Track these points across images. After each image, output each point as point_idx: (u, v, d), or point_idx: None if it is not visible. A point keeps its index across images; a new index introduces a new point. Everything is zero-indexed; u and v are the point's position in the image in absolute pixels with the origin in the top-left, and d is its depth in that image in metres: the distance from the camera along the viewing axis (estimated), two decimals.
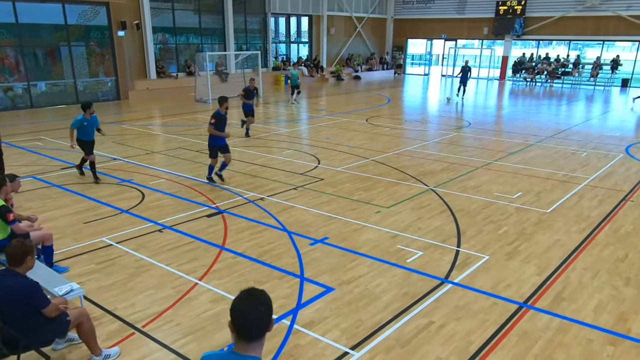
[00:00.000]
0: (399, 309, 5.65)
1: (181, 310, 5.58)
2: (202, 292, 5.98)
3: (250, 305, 2.26)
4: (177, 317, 5.46)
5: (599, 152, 13.33)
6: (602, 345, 5.04)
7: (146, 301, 5.76)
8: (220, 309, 5.58)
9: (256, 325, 2.26)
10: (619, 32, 30.65)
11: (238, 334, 2.26)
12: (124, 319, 5.40)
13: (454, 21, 36.31)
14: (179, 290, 6.00)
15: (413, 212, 8.65)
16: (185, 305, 5.68)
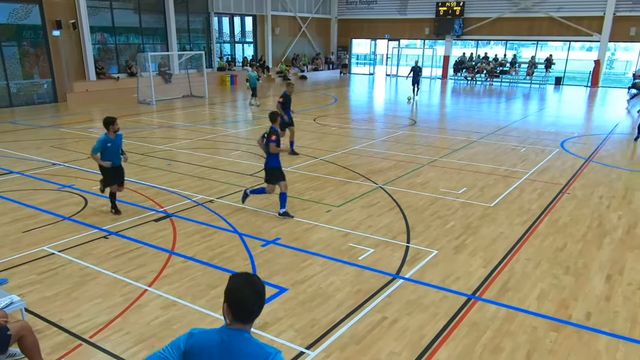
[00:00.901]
0: (353, 306, 5.70)
1: (131, 318, 5.41)
2: (152, 298, 5.83)
3: (249, 289, 2.35)
4: (126, 325, 5.29)
5: (537, 148, 13.94)
6: (545, 332, 5.27)
7: (93, 311, 5.55)
8: (172, 315, 5.45)
9: (252, 308, 2.37)
10: (551, 32, 32.16)
11: (235, 316, 2.37)
12: (69, 331, 5.18)
13: (396, 21, 36.99)
14: (127, 298, 5.82)
15: (363, 210, 8.76)
16: (135, 313, 5.51)
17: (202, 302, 5.70)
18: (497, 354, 4.92)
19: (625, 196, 9.72)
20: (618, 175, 11.18)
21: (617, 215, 8.69)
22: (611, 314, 5.63)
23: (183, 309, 5.60)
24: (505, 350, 4.97)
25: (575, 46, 35.24)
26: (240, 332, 2.38)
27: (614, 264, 6.83)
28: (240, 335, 2.38)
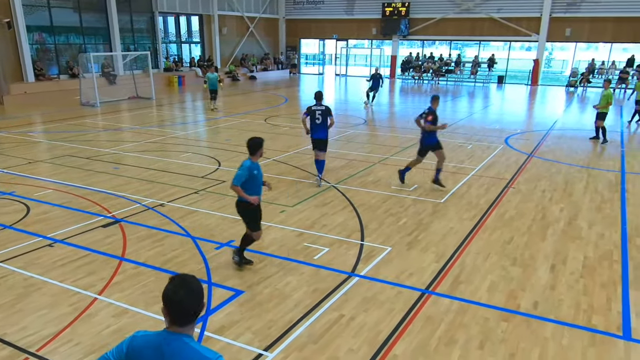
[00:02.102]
0: (310, 306, 5.71)
1: (80, 329, 5.21)
2: (103, 307, 5.64)
3: (183, 290, 2.33)
4: (76, 336, 5.10)
5: (483, 144, 14.39)
6: (497, 322, 5.45)
7: (39, 322, 5.32)
8: (124, 323, 5.29)
9: (188, 310, 2.34)
10: (493, 32, 33.28)
11: (171, 318, 2.36)
12: (14, 344, 4.94)
13: (344, 22, 37.31)
14: (76, 308, 5.61)
15: (317, 210, 8.78)
16: (84, 323, 5.32)
17: (155, 308, 5.56)
18: (452, 346, 5.04)
19: (566, 189, 10.17)
20: (558, 170, 11.69)
21: (559, 207, 9.09)
22: (556, 302, 5.89)
23: (136, 316, 5.45)
24: (459, 342, 5.11)
25: (515, 46, 36.61)
26: (178, 337, 2.36)
27: (557, 254, 7.14)
28: (178, 340, 2.35)
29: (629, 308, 5.75)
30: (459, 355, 4.92)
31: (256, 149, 6.27)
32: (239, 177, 6.11)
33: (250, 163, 6.20)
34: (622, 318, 5.56)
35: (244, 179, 6.12)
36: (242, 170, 6.13)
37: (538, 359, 4.86)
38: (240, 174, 6.11)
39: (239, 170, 6.13)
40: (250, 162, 6.19)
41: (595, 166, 12.07)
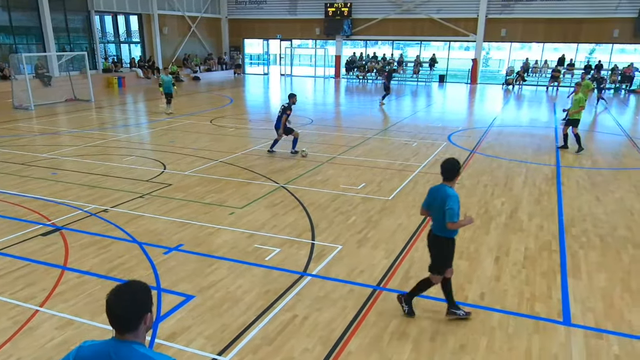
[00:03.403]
0: (263, 308, 5.68)
1: (21, 343, 4.96)
2: (45, 319, 5.39)
3: (118, 297, 2.30)
4: (16, 351, 4.84)
5: (427, 142, 14.75)
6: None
7: None
8: (69, 335, 5.08)
9: (124, 317, 2.29)
10: (433, 33, 34.18)
11: (112, 325, 2.32)
12: None
13: (287, 21, 37.28)
14: (16, 321, 5.33)
15: (267, 210, 8.74)
16: (26, 337, 5.06)
17: (102, 317, 5.36)
18: (404, 340, 5.14)
19: (506, 184, 10.58)
20: (499, 165, 12.14)
21: (500, 201, 9.44)
22: (501, 292, 6.11)
23: (81, 327, 5.24)
24: (411, 336, 5.21)
25: (454, 46, 37.76)
26: (127, 344, 2.31)
27: (500, 247, 7.42)
28: (127, 347, 2.31)
29: (567, 295, 6.05)
30: (411, 348, 5.02)
31: (456, 174, 5.20)
32: (456, 212, 5.00)
33: (454, 191, 5.14)
34: (562, 305, 5.83)
35: (458, 211, 5.06)
36: (454, 201, 5.00)
37: (486, 348, 5.03)
38: (455, 207, 4.99)
39: (452, 204, 4.97)
40: (454, 191, 5.14)
41: (533, 161, 12.61)
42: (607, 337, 5.21)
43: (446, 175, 5.16)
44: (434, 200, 5.26)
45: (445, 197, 5.00)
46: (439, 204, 5.13)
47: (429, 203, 5.38)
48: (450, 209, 4.95)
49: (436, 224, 5.30)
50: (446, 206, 4.97)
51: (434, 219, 5.35)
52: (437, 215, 5.23)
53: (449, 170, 5.15)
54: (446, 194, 5.02)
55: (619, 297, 6.03)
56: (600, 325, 5.41)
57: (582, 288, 6.22)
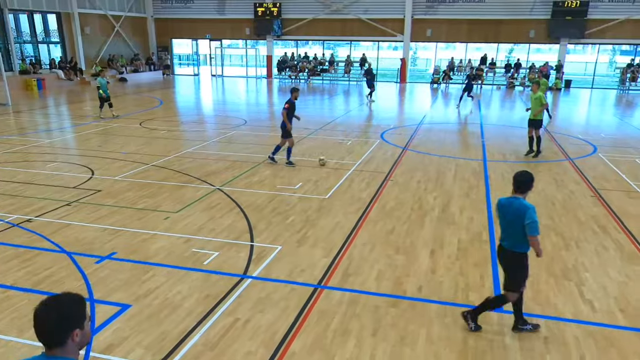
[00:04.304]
0: (203, 313, 5.57)
1: None
2: None
3: (44, 311, 2.21)
4: None
5: (361, 140, 15.00)
6: (386, 309, 5.73)
7: None
8: None
9: (48, 332, 2.21)
10: (362, 33, 34.81)
11: (39, 339, 2.23)
12: None
13: (216, 21, 36.73)
14: None
15: (203, 214, 8.57)
16: None
17: (30, 333, 5.06)
18: (347, 337, 5.21)
19: (438, 179, 10.95)
20: (430, 161, 12.55)
21: (433, 196, 9.76)
22: (438, 284, 6.32)
23: (8, 345, 4.92)
24: (353, 332, 5.28)
25: (383, 46, 38.61)
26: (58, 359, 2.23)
27: (435, 240, 7.67)
28: None
29: (499, 283, 6.34)
30: (354, 344, 5.09)
31: (530, 186, 5.08)
32: (537, 225, 4.82)
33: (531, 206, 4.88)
34: (494, 293, 6.11)
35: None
36: (534, 214, 4.80)
37: (425, 339, 5.19)
38: (537, 220, 4.81)
39: (532, 217, 4.79)
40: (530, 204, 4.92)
41: (461, 156, 13.13)
42: (537, 320, 5.51)
43: (521, 187, 5.00)
44: (506, 215, 5.05)
45: (525, 210, 4.81)
46: (512, 218, 4.93)
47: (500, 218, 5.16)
48: (533, 222, 4.76)
49: (510, 240, 5.04)
50: (527, 220, 4.78)
51: (507, 234, 5.08)
52: (511, 230, 4.99)
53: (524, 183, 5.00)
54: (525, 207, 4.83)
55: (545, 282, 6.39)
56: (529, 310, 5.71)
57: None
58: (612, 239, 7.77)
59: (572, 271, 6.70)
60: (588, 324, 5.46)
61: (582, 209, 9.12)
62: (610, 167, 12.06)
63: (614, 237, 7.81)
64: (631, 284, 6.34)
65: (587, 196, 9.87)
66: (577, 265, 6.85)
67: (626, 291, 6.18)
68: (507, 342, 5.14)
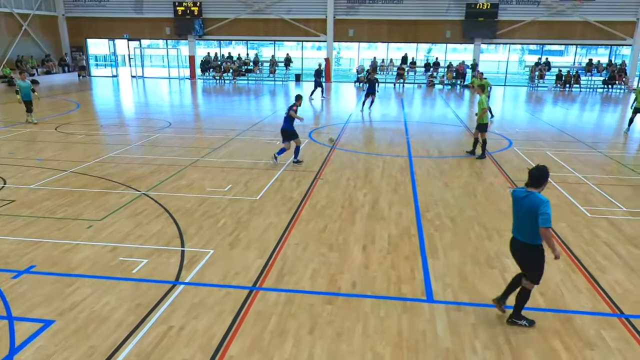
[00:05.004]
0: (135, 323, 5.36)
1: None
2: None
3: None
4: None
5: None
6: (322, 306, 5.77)
7: None
8: None
9: None
10: (285, 33, 34.88)
11: None
12: None
13: (134, 20, 35.48)
14: None
15: (129, 220, 8.24)
16: None
17: None
18: (284, 337, 5.20)
19: (367, 176, 11.18)
20: (358, 159, 12.78)
21: (362, 193, 9.95)
22: (371, 279, 6.45)
23: None
24: (290, 331, 5.29)
25: (307, 46, 38.89)
26: None
27: (366, 236, 7.82)
28: None
29: (429, 275, 6.58)
30: (292, 344, 5.10)
31: (545, 180, 5.14)
32: (550, 217, 4.93)
33: (546, 199, 5.01)
34: (424, 284, 6.33)
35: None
36: (549, 207, 4.94)
37: (362, 333, 5.29)
38: (550, 213, 4.93)
39: (545, 209, 4.92)
40: (545, 197, 5.03)
41: (388, 153, 13.48)
42: (465, 308, 5.77)
43: (536, 182, 5.10)
44: (520, 208, 5.18)
45: (539, 203, 4.95)
46: (526, 211, 5.07)
47: (514, 210, 5.31)
48: (546, 214, 4.90)
49: (525, 233, 5.17)
50: (540, 211, 4.92)
51: (521, 227, 5.22)
52: (525, 224, 5.13)
53: (539, 178, 5.09)
54: (539, 200, 4.97)
55: (471, 271, 6.70)
56: (458, 299, 5.97)
57: (440, 267, 6.81)
58: None
59: (495, 259, 7.07)
60: (512, 308, 5.77)
61: (502, 200, 9.63)
62: (525, 159, 12.83)
63: None
64: (548, 269, 6.74)
65: (506, 188, 10.44)
66: (499, 254, 7.23)
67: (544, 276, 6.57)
68: (439, 331, 5.34)
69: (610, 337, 5.26)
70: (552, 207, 5.00)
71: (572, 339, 5.23)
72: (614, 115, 22.46)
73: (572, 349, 5.05)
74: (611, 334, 5.32)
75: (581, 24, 32.30)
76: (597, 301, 5.93)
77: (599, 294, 6.07)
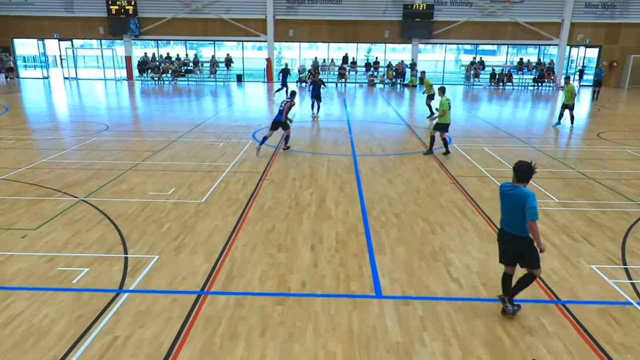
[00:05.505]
0: (77, 335, 5.14)
1: None
2: None
3: None
4: None
5: (233, 141, 14.84)
6: (273, 307, 5.75)
7: None
8: None
9: None
10: (225, 33, 34.47)
11: None
12: None
13: (64, 19, 34.03)
14: None
15: (68, 228, 7.89)
16: None
17: None
18: (235, 340, 5.14)
19: (312, 175, 11.22)
20: (303, 158, 12.81)
21: (309, 192, 9.97)
22: (320, 277, 6.48)
23: None
24: (242, 335, 5.23)
25: (247, 46, 38.59)
26: None
27: (314, 235, 7.85)
28: None
29: (376, 271, 6.68)
30: (243, 347, 5.04)
31: (531, 176, 5.37)
32: (537, 210, 5.17)
33: (532, 193, 5.27)
34: (372, 280, 6.42)
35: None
36: (535, 200, 5.18)
37: (313, 332, 5.30)
38: (537, 206, 5.17)
39: (533, 203, 5.15)
40: (531, 192, 5.28)
41: (332, 152, 13.58)
42: (413, 302, 5.90)
43: (522, 177, 5.32)
44: (508, 202, 5.39)
45: (526, 198, 5.17)
46: (514, 205, 5.28)
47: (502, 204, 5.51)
48: (533, 207, 5.13)
49: (516, 226, 5.36)
50: (527, 205, 5.14)
51: (510, 221, 5.42)
52: (515, 217, 5.33)
53: (525, 172, 5.32)
54: (526, 195, 5.20)
55: (417, 265, 6.86)
56: (405, 293, 6.10)
57: (388, 262, 6.93)
58: (470, 221, 8.56)
59: (439, 253, 7.27)
60: (457, 300, 5.97)
61: (443, 196, 9.92)
62: (464, 156, 13.26)
63: (471, 220, 8.61)
64: (489, 260, 7.04)
65: (447, 184, 10.76)
66: (443, 247, 7.45)
67: (486, 267, 6.85)
68: (389, 326, 5.44)
69: (549, 323, 5.53)
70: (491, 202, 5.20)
71: (513, 326, 5.45)
72: (544, 112, 23.64)
73: (514, 336, 5.28)
74: (549, 319, 5.60)
75: (511, 25, 33.77)
76: (535, 289, 6.21)
77: (537, 282, 6.36)
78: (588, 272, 6.73)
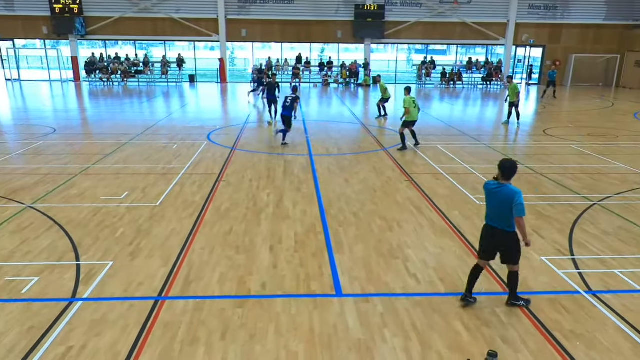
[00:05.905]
0: (28, 348, 4.94)
1: None
2: None
3: None
4: None
5: (187, 143, 14.59)
6: (233, 310, 5.69)
7: None
8: None
9: None
10: (175, 33, 33.83)
11: None
12: None
13: (4, 18, 32.56)
14: None
15: (14, 236, 7.56)
16: None
17: None
18: (195, 345, 5.06)
19: (269, 176, 11.16)
20: (259, 159, 12.73)
21: (266, 193, 9.92)
22: (280, 278, 6.46)
23: None
24: (202, 339, 5.16)
25: (199, 46, 38.00)
26: None
27: (273, 236, 7.82)
28: None
29: (336, 270, 6.72)
30: (204, 351, 4.97)
31: (515, 171, 5.53)
32: (524, 206, 5.40)
33: (519, 190, 5.47)
34: (332, 279, 6.46)
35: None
36: (521, 197, 5.40)
37: (274, 333, 5.28)
38: (523, 203, 5.40)
39: (520, 200, 5.36)
40: (517, 188, 5.48)
41: (289, 152, 13.56)
42: (373, 299, 5.97)
43: (508, 174, 5.49)
44: (494, 199, 5.58)
45: (513, 195, 5.38)
46: (502, 202, 5.47)
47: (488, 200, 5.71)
48: (521, 204, 5.35)
49: (502, 222, 5.54)
50: (515, 202, 5.36)
51: (496, 217, 5.60)
52: (502, 213, 5.51)
53: (510, 169, 5.48)
54: (513, 192, 5.40)
55: (376, 263, 6.94)
56: (365, 291, 6.16)
57: (347, 261, 6.98)
58: (426, 217, 8.73)
59: (397, 250, 7.38)
60: (415, 295, 6.08)
61: (399, 193, 10.07)
62: (419, 154, 13.51)
63: (427, 216, 8.79)
64: (445, 255, 7.21)
65: (402, 181, 10.93)
66: (401, 244, 7.57)
67: (442, 262, 7.01)
68: (350, 324, 5.48)
69: (504, 314, 5.71)
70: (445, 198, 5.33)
71: (471, 319, 5.60)
72: (493, 110, 24.36)
73: (472, 329, 5.42)
74: (504, 310, 5.78)
75: (460, 25, 34.63)
76: (491, 283, 6.40)
77: (492, 276, 6.55)
78: (538, 264, 6.98)
